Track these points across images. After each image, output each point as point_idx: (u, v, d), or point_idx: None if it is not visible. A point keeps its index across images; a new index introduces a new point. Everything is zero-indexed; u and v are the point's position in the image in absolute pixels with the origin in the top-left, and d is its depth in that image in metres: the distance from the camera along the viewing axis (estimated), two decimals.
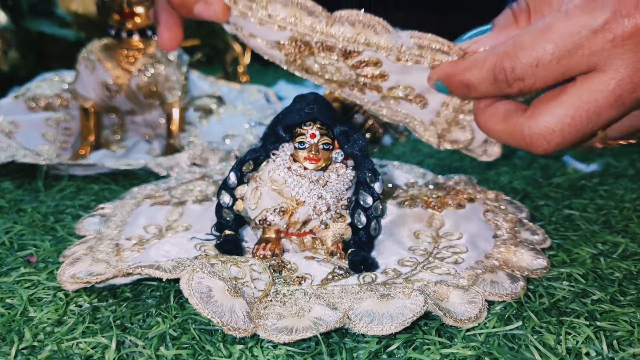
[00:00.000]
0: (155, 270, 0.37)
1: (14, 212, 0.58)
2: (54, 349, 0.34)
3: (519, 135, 0.39)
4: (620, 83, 0.35)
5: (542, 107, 0.38)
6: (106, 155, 0.78)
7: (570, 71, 0.36)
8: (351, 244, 0.44)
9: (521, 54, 0.36)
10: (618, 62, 0.35)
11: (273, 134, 0.45)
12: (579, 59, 0.35)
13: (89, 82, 0.77)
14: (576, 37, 0.34)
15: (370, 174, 0.44)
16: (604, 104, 0.36)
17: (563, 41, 0.35)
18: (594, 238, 0.50)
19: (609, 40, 0.34)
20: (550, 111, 0.37)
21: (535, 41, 0.36)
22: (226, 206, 0.45)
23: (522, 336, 0.35)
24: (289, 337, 0.33)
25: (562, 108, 0.37)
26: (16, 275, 0.43)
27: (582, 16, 0.34)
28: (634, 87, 0.35)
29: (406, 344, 0.35)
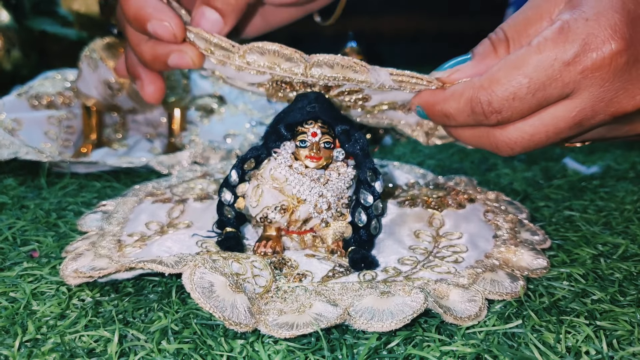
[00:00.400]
0: (157, 265, 0.37)
1: (17, 208, 0.58)
2: (57, 341, 0.34)
3: (486, 141, 0.42)
4: (583, 111, 0.37)
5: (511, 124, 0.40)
6: (108, 154, 0.78)
7: (545, 102, 0.38)
8: (352, 242, 0.44)
9: (497, 88, 0.38)
10: (585, 92, 0.37)
11: (275, 132, 0.45)
12: (552, 90, 0.37)
13: (91, 80, 0.78)
14: (549, 70, 0.36)
15: (371, 173, 0.44)
16: (564, 127, 0.39)
17: (537, 74, 0.36)
18: (594, 239, 0.50)
19: (579, 72, 0.36)
20: (516, 126, 0.40)
21: (510, 75, 0.37)
22: (227, 204, 0.45)
23: (522, 334, 0.35)
24: (289, 332, 0.33)
25: (526, 126, 0.40)
26: (19, 270, 0.44)
27: (554, 49, 0.36)
28: (593, 114, 0.37)
29: (406, 341, 0.35)
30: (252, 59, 0.43)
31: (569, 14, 0.36)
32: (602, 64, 0.35)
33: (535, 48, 0.37)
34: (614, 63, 0.35)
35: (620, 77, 0.36)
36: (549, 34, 0.36)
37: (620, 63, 0.35)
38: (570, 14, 0.36)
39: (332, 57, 0.42)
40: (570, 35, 0.35)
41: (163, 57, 0.46)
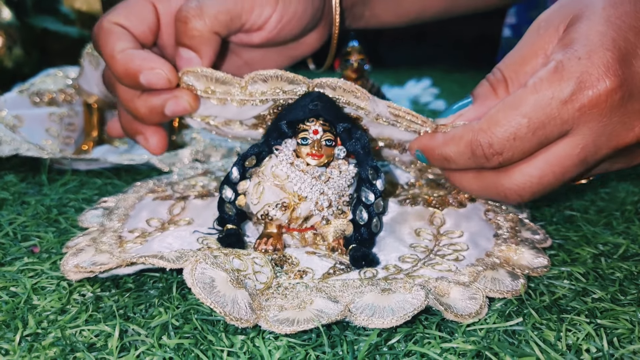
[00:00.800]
0: (159, 260, 0.37)
1: (18, 204, 0.58)
2: (57, 336, 0.34)
3: (493, 190, 0.42)
4: (585, 147, 0.38)
5: (513, 166, 0.41)
6: (109, 151, 0.78)
7: (545, 140, 0.38)
8: (352, 240, 0.44)
9: (497, 129, 0.38)
10: (584, 128, 0.37)
11: (276, 130, 0.45)
12: (552, 128, 0.37)
13: (93, 78, 0.78)
14: (548, 109, 0.37)
15: (372, 171, 0.44)
16: (570, 166, 0.39)
17: (536, 113, 0.37)
18: (595, 239, 0.50)
19: (576, 109, 0.36)
20: (521, 170, 0.40)
21: (509, 116, 0.38)
22: (228, 201, 0.45)
23: (523, 332, 0.35)
24: (290, 328, 0.34)
25: (532, 169, 0.40)
26: (20, 265, 0.44)
27: (550, 88, 0.37)
28: (596, 149, 0.38)
29: (407, 338, 0.35)
30: (255, 89, 0.44)
31: (562, 53, 0.37)
32: (598, 101, 0.36)
33: (531, 88, 0.37)
34: (610, 100, 0.36)
35: (617, 112, 0.36)
36: (544, 74, 0.37)
37: (615, 99, 0.36)
38: (563, 53, 0.37)
39: (334, 80, 0.43)
40: (565, 74, 0.36)
41: (159, 107, 0.46)
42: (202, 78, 0.45)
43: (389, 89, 1.36)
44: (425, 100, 1.34)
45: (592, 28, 0.37)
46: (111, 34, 0.44)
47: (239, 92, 0.44)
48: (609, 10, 0.37)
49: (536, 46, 0.40)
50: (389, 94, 0.80)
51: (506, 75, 0.41)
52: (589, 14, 0.38)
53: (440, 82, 1.48)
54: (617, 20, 0.36)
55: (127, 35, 0.45)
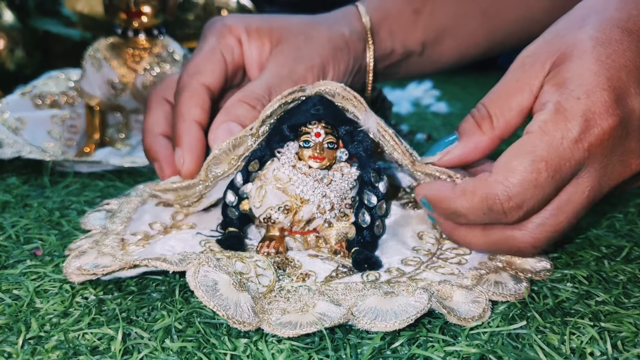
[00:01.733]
0: (162, 263, 0.37)
1: (21, 207, 0.58)
2: (60, 339, 0.34)
3: (506, 246, 0.40)
4: (593, 188, 0.37)
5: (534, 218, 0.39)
6: (111, 153, 0.78)
7: (561, 184, 0.37)
8: (355, 243, 0.44)
9: (514, 178, 0.37)
10: (591, 168, 0.37)
11: (278, 133, 0.45)
12: (567, 170, 0.36)
13: (95, 80, 0.78)
14: (560, 149, 0.36)
15: (375, 173, 0.44)
16: (581, 209, 0.38)
17: (551, 156, 0.36)
18: (598, 241, 0.50)
19: (585, 148, 0.36)
20: (534, 221, 0.39)
21: (525, 162, 0.36)
22: (231, 205, 0.45)
23: (526, 335, 0.35)
24: (292, 331, 0.33)
25: (544, 218, 0.38)
26: (22, 268, 0.44)
27: (559, 130, 0.36)
28: (600, 189, 0.38)
29: (410, 341, 0.35)
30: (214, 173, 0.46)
31: (558, 94, 0.37)
32: (603, 139, 0.36)
33: (539, 133, 0.36)
34: (612, 138, 0.36)
35: (617, 150, 0.37)
36: (546, 117, 0.37)
37: (615, 137, 0.36)
38: (559, 94, 0.37)
39: (334, 87, 0.44)
40: (568, 114, 0.36)
41: None
42: (169, 192, 0.48)
43: (391, 91, 1.36)
44: (427, 103, 1.33)
45: (585, 68, 0.36)
46: (193, 95, 0.48)
47: (203, 186, 0.47)
48: (599, 50, 0.36)
49: (522, 82, 0.39)
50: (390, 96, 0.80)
51: (490, 111, 0.40)
52: (578, 53, 0.37)
53: (442, 85, 1.47)
54: (607, 60, 0.36)
55: (204, 98, 0.49)
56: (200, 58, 0.50)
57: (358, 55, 0.56)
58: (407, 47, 0.61)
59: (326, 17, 0.57)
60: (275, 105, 0.44)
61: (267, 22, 0.53)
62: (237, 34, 0.51)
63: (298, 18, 0.55)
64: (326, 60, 0.52)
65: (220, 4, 1.38)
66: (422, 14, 0.60)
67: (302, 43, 0.52)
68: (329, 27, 0.54)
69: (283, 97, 0.44)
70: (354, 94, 0.44)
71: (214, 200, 0.49)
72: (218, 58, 0.50)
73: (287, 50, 0.51)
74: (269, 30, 0.52)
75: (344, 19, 0.57)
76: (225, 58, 0.51)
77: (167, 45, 0.79)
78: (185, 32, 1.38)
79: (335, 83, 0.44)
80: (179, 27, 1.36)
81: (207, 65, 0.50)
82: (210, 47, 0.51)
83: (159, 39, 0.79)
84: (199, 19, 1.37)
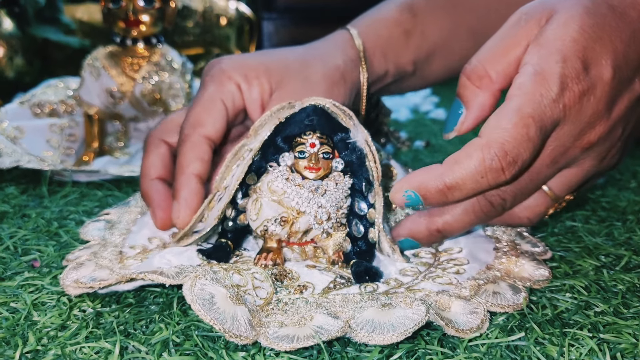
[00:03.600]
0: (158, 276, 0.37)
1: (18, 217, 0.58)
2: (57, 353, 0.34)
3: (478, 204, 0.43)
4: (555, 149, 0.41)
5: None
6: (110, 162, 0.78)
7: (546, 139, 0.40)
8: (352, 254, 0.44)
9: (508, 136, 0.39)
10: (565, 126, 0.40)
11: (272, 145, 0.45)
12: (549, 127, 0.39)
13: (94, 88, 0.78)
14: (542, 107, 0.39)
15: (366, 182, 0.44)
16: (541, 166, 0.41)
17: (536, 113, 0.38)
18: (597, 250, 0.50)
19: (561, 109, 0.39)
20: None
21: (515, 120, 0.39)
22: (229, 218, 0.45)
23: (525, 347, 0.35)
24: (290, 345, 0.33)
25: None
26: (20, 280, 0.43)
27: (539, 89, 0.39)
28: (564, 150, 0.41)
29: (409, 354, 0.35)
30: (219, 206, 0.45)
31: (538, 56, 0.40)
32: (575, 101, 0.39)
33: (519, 92, 0.39)
34: (582, 101, 0.39)
35: (587, 112, 0.39)
36: (526, 79, 0.39)
37: (585, 101, 0.39)
38: (539, 57, 0.40)
39: (323, 102, 0.44)
40: (547, 76, 0.39)
41: None
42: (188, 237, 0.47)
43: (389, 97, 1.36)
44: (426, 109, 1.34)
45: (567, 34, 0.39)
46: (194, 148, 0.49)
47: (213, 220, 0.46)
48: (584, 19, 0.39)
49: (519, 36, 0.42)
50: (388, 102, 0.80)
51: (488, 68, 0.42)
52: (566, 18, 0.40)
53: (440, 91, 1.48)
54: (589, 30, 0.39)
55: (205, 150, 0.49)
56: (200, 108, 0.51)
57: (355, 83, 0.57)
58: (400, 67, 0.62)
59: (320, 49, 0.58)
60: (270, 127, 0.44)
61: (264, 65, 0.53)
62: (236, 80, 0.52)
63: (293, 55, 0.56)
64: None
65: (219, 12, 1.38)
66: (413, 35, 0.62)
67: (299, 87, 0.53)
68: (323, 62, 0.55)
69: (274, 114, 0.44)
70: (343, 108, 0.44)
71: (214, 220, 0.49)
72: (219, 107, 0.51)
73: (285, 95, 0.52)
74: (267, 72, 0.53)
75: (337, 47, 0.58)
76: (226, 105, 0.51)
77: (165, 54, 0.79)
78: (184, 39, 1.39)
79: (325, 99, 0.44)
80: (178, 34, 1.37)
81: (208, 116, 0.50)
82: (210, 96, 0.51)
83: (157, 47, 0.79)
84: (198, 26, 1.37)
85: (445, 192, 0.40)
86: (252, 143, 0.45)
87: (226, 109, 0.51)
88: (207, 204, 0.46)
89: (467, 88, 0.43)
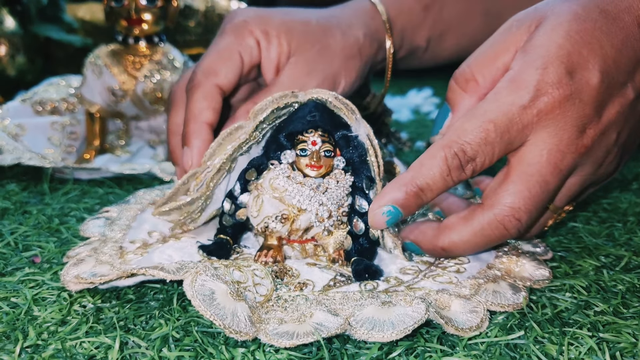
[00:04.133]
0: (159, 272, 0.37)
1: (20, 213, 0.58)
2: (57, 347, 0.34)
3: (489, 228, 0.41)
4: (551, 152, 0.40)
5: (499, 195, 0.41)
6: (111, 160, 0.78)
7: (510, 145, 0.40)
8: (353, 252, 0.44)
9: (467, 137, 0.40)
10: (544, 133, 0.40)
11: (275, 142, 0.45)
12: (515, 133, 0.39)
13: (96, 87, 0.78)
14: (509, 114, 0.39)
15: (367, 180, 0.44)
16: (546, 173, 0.40)
17: (501, 119, 0.39)
18: (597, 251, 0.50)
19: (534, 114, 0.39)
20: (507, 192, 0.40)
21: (476, 124, 0.40)
22: (227, 213, 0.45)
23: (524, 346, 0.35)
24: (289, 341, 0.33)
25: (516, 185, 0.40)
26: (21, 275, 0.44)
27: (510, 96, 0.39)
28: (562, 155, 0.40)
29: (408, 352, 0.35)
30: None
31: (520, 62, 0.40)
32: (553, 107, 0.39)
33: (492, 98, 0.40)
34: (562, 107, 0.39)
35: (571, 118, 0.39)
36: (502, 85, 0.40)
37: (567, 106, 0.39)
38: (521, 62, 0.40)
39: (325, 95, 0.44)
40: (522, 83, 0.39)
41: None
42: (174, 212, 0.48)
43: (391, 98, 1.37)
44: (427, 110, 1.34)
45: (552, 40, 0.40)
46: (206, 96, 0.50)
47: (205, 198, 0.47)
48: (572, 25, 0.40)
49: (508, 42, 0.42)
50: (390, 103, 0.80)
51: (475, 72, 0.43)
52: (553, 24, 0.40)
53: (442, 92, 1.47)
54: (576, 36, 0.39)
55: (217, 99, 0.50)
56: (216, 56, 0.51)
57: (369, 60, 0.58)
58: (414, 43, 0.62)
59: (342, 17, 0.58)
60: (268, 111, 0.44)
61: (286, 25, 0.53)
62: (257, 35, 0.52)
63: (316, 19, 0.56)
64: (338, 72, 0.55)
65: (221, 11, 1.38)
66: (431, 11, 0.62)
67: (316, 55, 0.53)
68: (343, 33, 0.55)
69: (275, 101, 0.44)
70: (346, 102, 0.44)
71: (212, 212, 0.49)
72: (235, 59, 0.51)
73: (301, 64, 0.52)
74: (288, 34, 0.53)
75: (358, 18, 0.58)
76: (243, 59, 0.52)
77: (167, 53, 0.79)
78: (186, 38, 1.39)
79: (327, 91, 0.45)
80: (180, 33, 1.37)
81: (223, 66, 0.50)
82: (227, 46, 0.51)
83: (159, 46, 0.79)
84: (200, 25, 1.38)
85: (419, 195, 0.41)
86: (248, 125, 0.45)
87: (242, 62, 0.51)
88: (193, 175, 0.46)
89: (455, 91, 0.44)
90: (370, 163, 0.44)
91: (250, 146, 0.46)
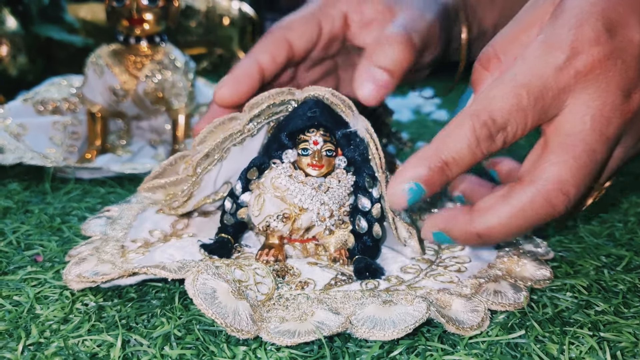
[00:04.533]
0: (161, 270, 0.37)
1: (22, 212, 0.58)
2: (60, 345, 0.34)
3: (532, 206, 0.35)
4: (594, 118, 0.35)
5: (539, 168, 0.36)
6: (112, 160, 0.78)
7: (544, 114, 0.36)
8: (356, 251, 0.44)
9: (498, 104, 0.36)
10: (585, 96, 0.35)
11: (276, 141, 0.45)
12: (551, 98, 0.35)
13: (97, 86, 0.78)
14: (544, 77, 0.35)
15: (370, 179, 0.44)
16: (592, 141, 0.35)
17: (534, 82, 0.35)
18: (598, 251, 0.50)
19: (572, 76, 0.35)
20: (550, 163, 0.36)
21: (508, 89, 0.36)
22: (228, 212, 0.45)
23: (525, 345, 0.35)
24: (291, 340, 0.33)
25: (560, 155, 0.35)
26: (23, 274, 0.44)
27: (544, 57, 0.35)
28: (608, 121, 0.35)
29: (409, 350, 0.35)
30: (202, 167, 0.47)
31: (551, 27, 0.37)
32: (593, 66, 0.35)
33: (522, 60, 0.36)
34: (603, 66, 0.35)
35: (613, 79, 0.35)
36: (535, 45, 0.36)
37: (608, 66, 0.35)
38: (552, 27, 0.36)
39: (322, 92, 0.44)
40: (556, 44, 0.35)
41: None
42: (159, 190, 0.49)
43: (391, 98, 1.37)
44: (427, 111, 1.34)
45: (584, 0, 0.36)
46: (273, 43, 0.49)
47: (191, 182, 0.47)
48: None
49: (534, 17, 0.39)
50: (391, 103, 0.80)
51: (498, 50, 0.40)
52: None
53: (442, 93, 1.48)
54: None
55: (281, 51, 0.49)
56: (297, 17, 0.51)
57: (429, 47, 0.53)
58: (481, 29, 0.59)
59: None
60: (264, 105, 0.44)
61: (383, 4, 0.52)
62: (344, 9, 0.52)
63: None
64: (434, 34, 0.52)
65: (222, 12, 1.39)
66: None
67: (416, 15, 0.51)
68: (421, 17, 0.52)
69: (271, 96, 0.45)
70: (342, 98, 0.44)
71: (200, 199, 0.49)
72: (313, 25, 0.51)
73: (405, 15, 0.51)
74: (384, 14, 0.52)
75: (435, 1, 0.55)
76: (322, 27, 0.51)
77: (168, 53, 0.79)
78: (187, 39, 1.39)
79: (324, 88, 0.44)
80: (181, 34, 1.37)
81: (300, 26, 0.50)
82: (311, 11, 0.51)
83: (160, 46, 0.79)
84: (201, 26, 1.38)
85: (442, 174, 0.36)
86: (243, 117, 0.45)
87: (320, 30, 0.51)
88: (182, 157, 0.46)
89: (477, 71, 0.41)
90: (372, 157, 0.44)
91: (244, 139, 0.46)
